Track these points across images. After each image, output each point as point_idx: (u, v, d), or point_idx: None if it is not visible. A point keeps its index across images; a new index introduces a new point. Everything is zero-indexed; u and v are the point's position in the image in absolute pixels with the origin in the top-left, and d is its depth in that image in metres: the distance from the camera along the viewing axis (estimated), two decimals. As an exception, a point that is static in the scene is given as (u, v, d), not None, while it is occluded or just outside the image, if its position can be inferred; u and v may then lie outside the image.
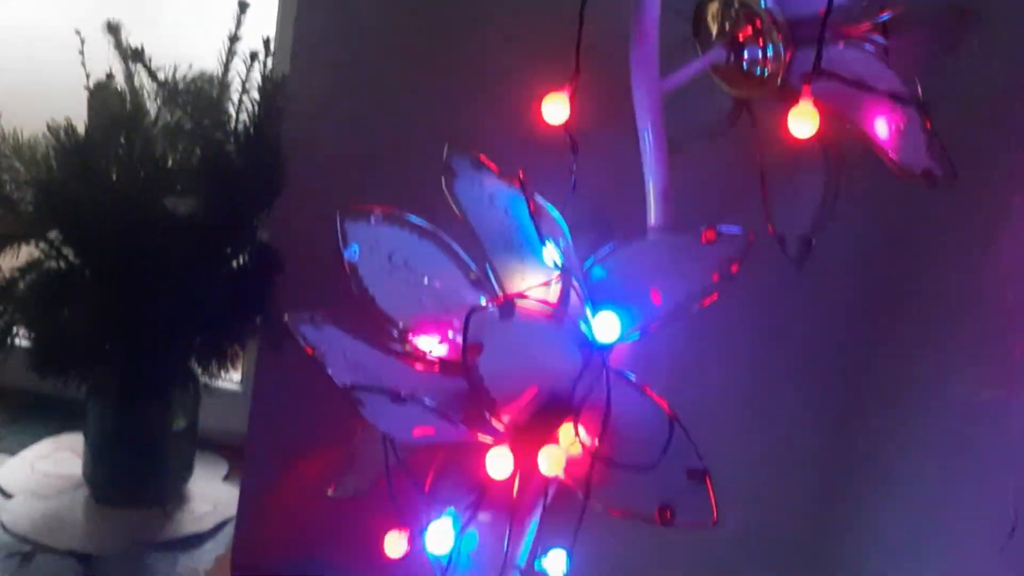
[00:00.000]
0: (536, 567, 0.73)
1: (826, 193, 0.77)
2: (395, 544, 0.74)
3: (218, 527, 1.23)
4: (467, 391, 0.71)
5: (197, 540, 1.21)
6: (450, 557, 0.68)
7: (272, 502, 1.16)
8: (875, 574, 0.89)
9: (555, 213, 0.70)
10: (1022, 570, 0.64)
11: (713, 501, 0.63)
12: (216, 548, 1.20)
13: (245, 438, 1.16)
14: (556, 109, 0.70)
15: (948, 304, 0.86)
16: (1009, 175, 0.79)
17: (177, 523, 1.23)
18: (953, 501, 0.76)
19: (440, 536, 0.68)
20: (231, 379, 1.42)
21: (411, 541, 0.72)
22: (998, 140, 0.82)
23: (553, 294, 0.72)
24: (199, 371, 1.21)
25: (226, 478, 1.35)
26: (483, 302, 0.71)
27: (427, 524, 0.69)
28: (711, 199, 0.84)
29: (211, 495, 1.30)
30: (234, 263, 1.16)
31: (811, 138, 0.75)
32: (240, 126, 1.10)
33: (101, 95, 1.10)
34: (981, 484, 0.72)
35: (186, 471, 1.29)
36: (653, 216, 0.75)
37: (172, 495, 1.27)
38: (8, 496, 1.23)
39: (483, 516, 0.71)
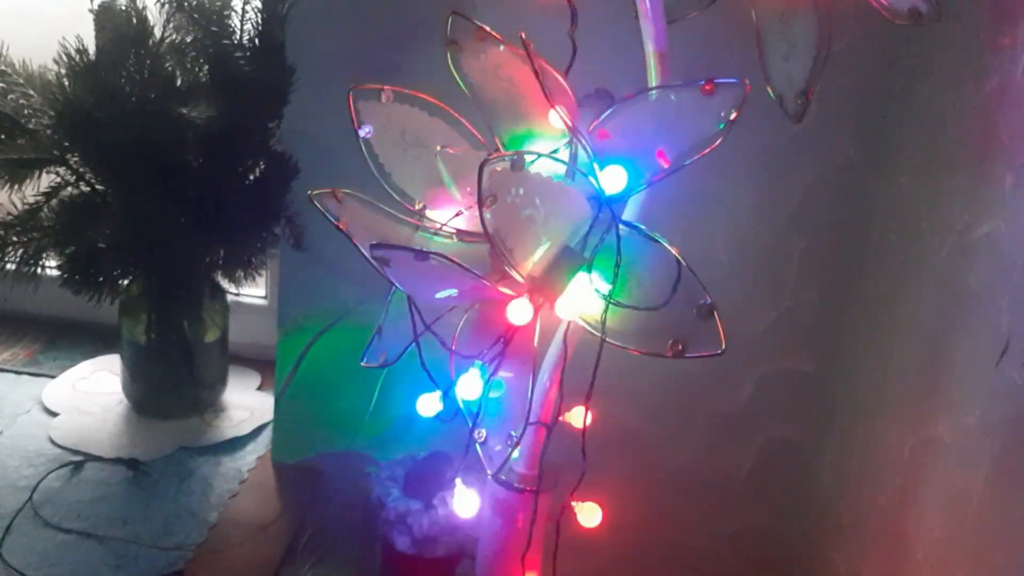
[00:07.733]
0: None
1: (819, 47, 0.79)
2: (427, 405, 0.79)
3: (256, 431, 1.28)
4: (484, 256, 0.75)
5: (238, 443, 1.26)
6: (480, 404, 0.72)
7: (307, 400, 1.21)
8: (892, 401, 0.93)
9: (559, 77, 0.73)
10: (1016, 380, 0.67)
11: (721, 332, 0.67)
12: (256, 450, 1.25)
13: (275, 348, 1.20)
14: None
15: (941, 147, 0.89)
16: (995, 13, 0.80)
17: (217, 429, 1.28)
18: (953, 325, 0.79)
19: (470, 385, 0.72)
20: (256, 294, 1.46)
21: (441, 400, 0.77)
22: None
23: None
24: (226, 282, 1.26)
25: (259, 388, 1.40)
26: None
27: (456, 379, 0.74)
28: (709, 65, 0.86)
29: (246, 404, 1.34)
30: (251, 176, 1.19)
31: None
32: (245, 36, 1.12)
33: (107, 15, 1.11)
34: (977, 308, 0.75)
35: (220, 382, 1.33)
36: (653, 80, 0.78)
37: (209, 405, 1.31)
38: (53, 414, 1.28)
39: (506, 372, 0.76)
